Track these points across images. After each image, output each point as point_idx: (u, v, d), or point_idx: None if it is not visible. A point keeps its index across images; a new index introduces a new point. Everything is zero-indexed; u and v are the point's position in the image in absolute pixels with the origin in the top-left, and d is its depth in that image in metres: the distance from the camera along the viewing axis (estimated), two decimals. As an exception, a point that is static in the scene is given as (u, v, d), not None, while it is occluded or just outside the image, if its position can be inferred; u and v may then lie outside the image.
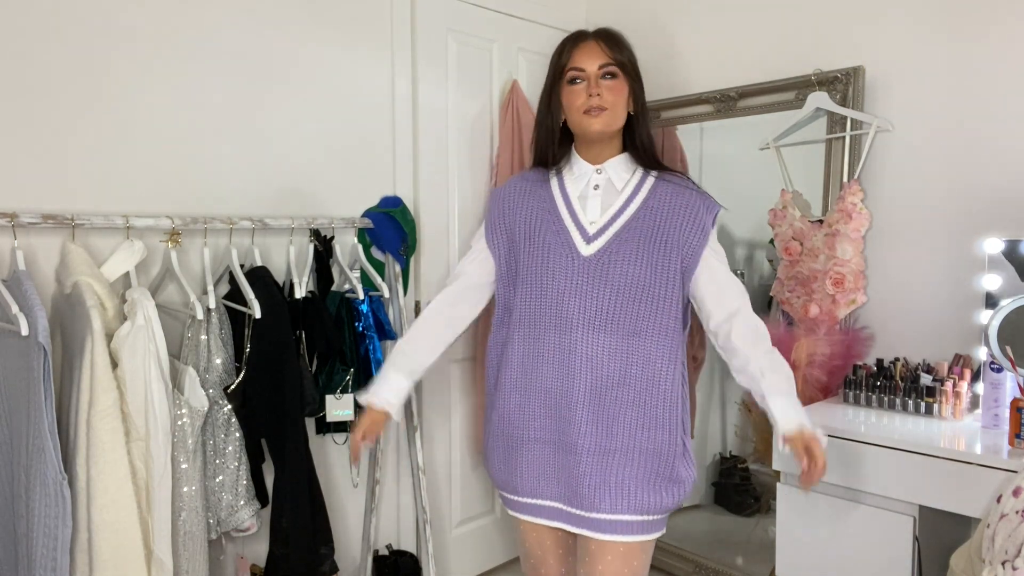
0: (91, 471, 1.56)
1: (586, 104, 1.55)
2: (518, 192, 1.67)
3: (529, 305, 1.59)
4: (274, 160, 2.16)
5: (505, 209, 1.67)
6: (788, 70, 2.46)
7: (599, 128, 1.55)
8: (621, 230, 1.55)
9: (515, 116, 2.69)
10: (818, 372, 2.29)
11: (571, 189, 1.62)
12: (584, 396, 1.53)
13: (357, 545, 2.43)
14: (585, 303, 1.54)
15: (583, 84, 1.56)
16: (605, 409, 1.54)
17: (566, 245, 1.56)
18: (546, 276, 1.57)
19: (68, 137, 1.78)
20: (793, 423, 1.52)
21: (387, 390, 1.66)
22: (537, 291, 1.58)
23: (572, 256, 1.56)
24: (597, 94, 1.54)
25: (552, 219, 1.60)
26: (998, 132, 2.08)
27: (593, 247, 1.55)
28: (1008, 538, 1.37)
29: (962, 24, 2.13)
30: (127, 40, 1.86)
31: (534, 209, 1.63)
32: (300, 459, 1.95)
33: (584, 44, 1.57)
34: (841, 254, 2.29)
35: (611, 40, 1.58)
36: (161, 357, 1.66)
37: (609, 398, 1.54)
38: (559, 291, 1.55)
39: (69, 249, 1.69)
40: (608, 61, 1.55)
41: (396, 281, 2.33)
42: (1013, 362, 1.77)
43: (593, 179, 1.61)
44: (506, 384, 1.63)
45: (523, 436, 1.61)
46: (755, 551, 2.54)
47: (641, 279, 1.53)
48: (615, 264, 1.53)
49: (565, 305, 1.54)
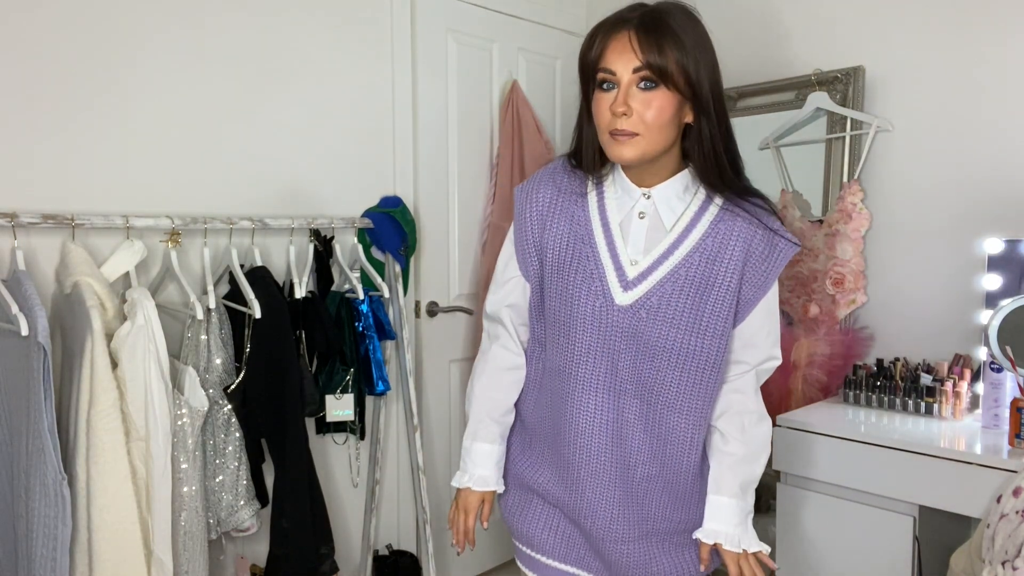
0: (91, 471, 1.56)
1: (611, 124, 1.18)
2: (548, 205, 1.32)
3: (557, 357, 1.32)
4: (274, 160, 2.16)
5: (535, 228, 1.33)
6: (788, 70, 2.46)
7: (630, 157, 1.19)
8: (667, 278, 1.24)
9: (515, 116, 2.69)
10: (818, 372, 2.29)
11: (612, 211, 1.29)
12: (612, 474, 1.29)
13: (357, 545, 2.42)
14: (615, 364, 1.26)
15: (612, 93, 1.18)
16: (635, 489, 1.30)
17: (600, 291, 1.25)
18: (573, 326, 1.28)
19: (68, 137, 1.78)
20: (710, 534, 1.30)
21: (483, 467, 1.41)
22: (565, 343, 1.30)
23: (605, 306, 1.25)
24: (623, 112, 1.16)
25: (587, 250, 1.27)
26: (998, 132, 2.08)
27: (631, 296, 1.24)
28: (1008, 538, 1.37)
29: (962, 24, 2.13)
30: (127, 40, 1.86)
31: (566, 230, 1.30)
32: (300, 459, 1.95)
33: (618, 36, 1.16)
34: (841, 254, 2.29)
35: (653, 34, 1.14)
36: (161, 357, 1.65)
37: (639, 475, 1.29)
38: (588, 347, 1.27)
39: (69, 249, 1.69)
40: (644, 64, 1.14)
41: (396, 281, 2.32)
42: (1013, 362, 1.77)
43: (639, 204, 1.27)
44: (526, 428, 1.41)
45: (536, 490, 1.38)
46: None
47: (685, 345, 1.24)
48: (655, 323, 1.23)
49: (595, 365, 1.27)
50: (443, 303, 2.61)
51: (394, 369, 2.40)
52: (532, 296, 1.37)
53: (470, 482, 1.40)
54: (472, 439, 1.42)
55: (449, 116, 2.59)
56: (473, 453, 1.41)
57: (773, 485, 2.08)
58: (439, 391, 2.63)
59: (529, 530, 1.39)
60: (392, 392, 2.42)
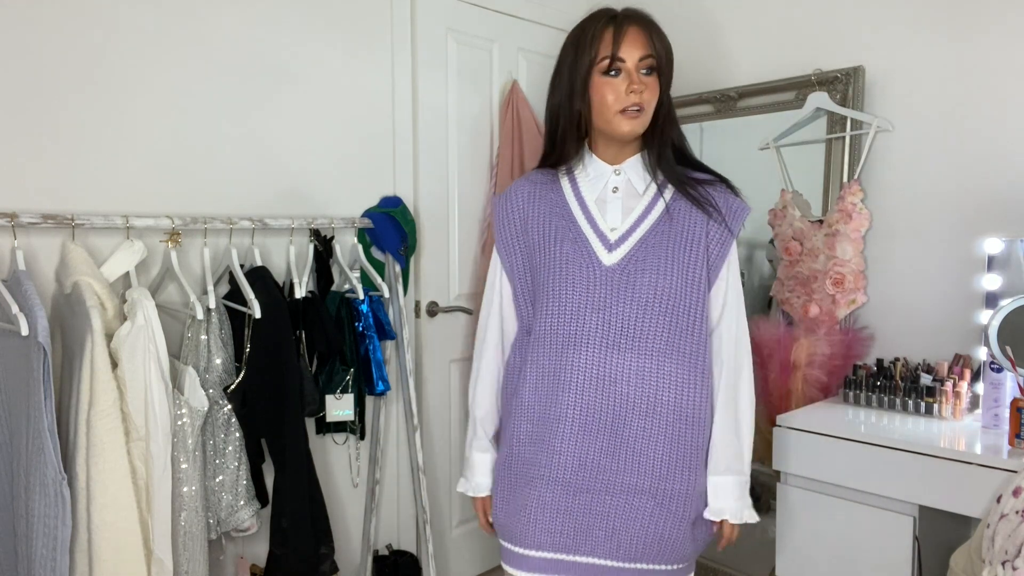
0: (91, 471, 1.56)
1: (624, 102, 1.36)
2: (526, 198, 1.49)
3: (546, 323, 1.41)
4: (274, 160, 2.16)
5: (516, 220, 1.49)
6: (788, 70, 2.46)
7: (631, 130, 1.38)
8: (647, 235, 1.40)
9: (515, 116, 2.69)
10: (818, 372, 2.29)
11: (586, 192, 1.45)
12: (604, 428, 1.37)
13: (357, 545, 2.43)
14: (607, 318, 1.37)
15: (621, 77, 1.37)
16: (628, 442, 1.37)
17: (585, 255, 1.39)
18: (564, 290, 1.39)
19: (68, 137, 1.78)
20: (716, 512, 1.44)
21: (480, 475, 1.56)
22: (555, 307, 1.40)
23: (592, 266, 1.39)
24: (639, 91, 1.35)
25: (568, 226, 1.42)
26: (998, 132, 2.08)
27: (615, 255, 1.39)
28: (1008, 538, 1.37)
29: (962, 24, 2.13)
30: (127, 41, 1.86)
31: (546, 216, 1.45)
32: (300, 459, 1.95)
33: (629, 30, 1.36)
34: (841, 254, 2.29)
35: (653, 27, 1.39)
36: (161, 357, 1.65)
37: (635, 428, 1.37)
38: (578, 306, 1.38)
39: (69, 249, 1.69)
40: (649, 53, 1.37)
41: (396, 281, 2.33)
42: (1013, 362, 1.77)
43: (611, 180, 1.45)
44: (516, 412, 1.45)
45: (532, 474, 1.42)
46: (755, 551, 2.54)
47: (670, 290, 1.37)
48: (641, 274, 1.37)
49: (585, 321, 1.37)
50: (443, 303, 2.61)
51: (394, 369, 2.40)
52: (516, 288, 1.50)
53: (471, 490, 1.58)
54: (470, 449, 1.58)
55: (449, 116, 2.59)
56: (472, 463, 1.58)
57: (773, 485, 2.08)
58: (439, 391, 2.63)
59: (511, 525, 1.46)
60: (392, 392, 2.42)
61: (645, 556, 1.40)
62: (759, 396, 2.45)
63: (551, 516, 1.40)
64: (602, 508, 1.39)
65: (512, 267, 1.49)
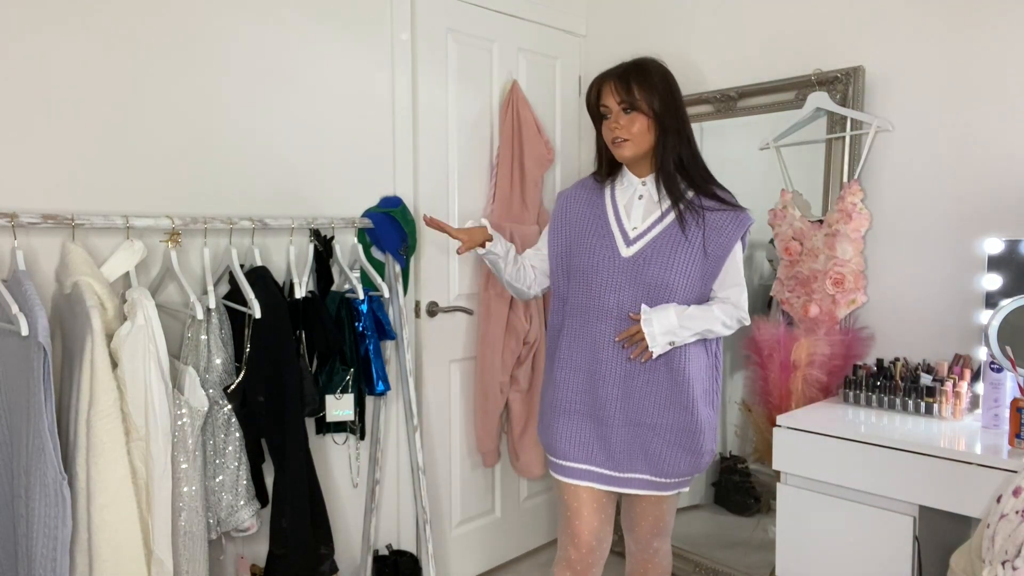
0: (91, 471, 1.56)
1: (609, 136, 1.83)
2: (577, 200, 1.96)
3: (578, 297, 1.87)
4: (274, 160, 2.16)
5: (567, 213, 1.95)
6: (788, 70, 2.46)
7: (626, 155, 1.82)
8: (657, 236, 1.81)
9: (515, 116, 2.69)
10: (818, 372, 2.29)
11: (620, 198, 1.89)
12: (617, 378, 1.82)
13: (357, 545, 2.43)
14: (620, 297, 1.81)
15: (611, 118, 1.82)
16: (635, 390, 1.82)
17: (610, 247, 1.84)
18: (592, 273, 1.84)
19: (68, 137, 1.78)
20: (645, 318, 1.78)
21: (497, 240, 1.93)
22: (584, 285, 1.86)
23: (613, 257, 1.83)
24: (618, 126, 1.80)
25: (601, 224, 1.88)
26: (998, 132, 2.08)
27: (632, 250, 1.82)
28: (1008, 538, 1.37)
29: (962, 24, 2.13)
30: (127, 41, 1.86)
31: (588, 215, 1.91)
32: (300, 459, 1.95)
33: (605, 85, 1.82)
34: (841, 254, 2.29)
35: (622, 81, 1.80)
36: (161, 357, 1.66)
37: (640, 381, 1.82)
38: (601, 286, 1.83)
39: (69, 249, 1.69)
40: (622, 99, 1.79)
41: (396, 281, 2.33)
42: (1013, 362, 1.77)
43: (638, 190, 1.87)
44: (556, 362, 1.90)
45: (565, 408, 1.88)
46: (755, 551, 2.54)
47: (667, 280, 1.79)
48: (648, 266, 1.80)
49: (605, 298, 1.82)
50: (443, 303, 2.61)
51: (394, 369, 2.40)
52: (555, 264, 1.95)
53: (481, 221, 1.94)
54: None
55: (449, 116, 2.59)
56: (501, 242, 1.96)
57: (773, 485, 2.08)
58: (439, 391, 2.63)
59: (552, 443, 1.92)
60: (392, 392, 2.42)
61: (647, 469, 1.85)
62: (759, 396, 2.47)
63: (576, 438, 1.87)
64: (616, 435, 1.84)
65: (555, 248, 1.95)
